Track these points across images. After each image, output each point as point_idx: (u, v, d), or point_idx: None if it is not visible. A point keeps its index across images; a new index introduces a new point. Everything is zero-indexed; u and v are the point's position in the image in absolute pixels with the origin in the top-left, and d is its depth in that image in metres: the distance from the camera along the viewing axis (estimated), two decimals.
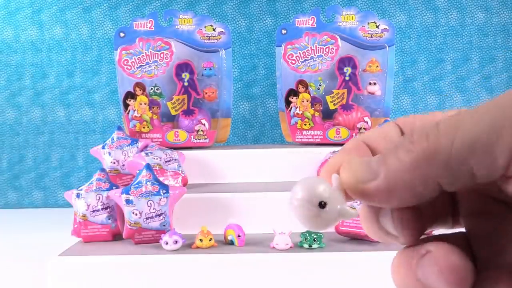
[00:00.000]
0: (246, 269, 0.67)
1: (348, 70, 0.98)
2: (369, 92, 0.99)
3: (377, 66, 0.98)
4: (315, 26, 0.99)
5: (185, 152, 0.92)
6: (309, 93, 0.99)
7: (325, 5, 1.33)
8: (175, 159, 0.85)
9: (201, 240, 0.70)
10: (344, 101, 0.98)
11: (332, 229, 0.74)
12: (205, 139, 0.98)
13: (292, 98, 1.00)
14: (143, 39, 0.98)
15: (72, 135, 1.39)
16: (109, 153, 0.86)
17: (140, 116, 0.97)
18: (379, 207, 0.16)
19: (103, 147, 0.87)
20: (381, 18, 1.01)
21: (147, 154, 0.84)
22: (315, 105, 0.99)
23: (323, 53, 0.99)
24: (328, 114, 0.99)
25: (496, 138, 0.14)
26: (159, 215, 0.72)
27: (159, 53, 0.98)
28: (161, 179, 0.80)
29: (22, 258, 0.89)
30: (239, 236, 0.71)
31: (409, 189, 0.15)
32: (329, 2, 1.36)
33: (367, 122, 0.97)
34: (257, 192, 0.83)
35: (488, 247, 0.16)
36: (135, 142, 0.88)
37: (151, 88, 0.98)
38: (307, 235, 0.69)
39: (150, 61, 0.98)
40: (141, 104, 0.97)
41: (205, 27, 1.00)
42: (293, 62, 0.99)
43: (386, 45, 0.99)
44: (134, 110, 0.97)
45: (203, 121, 0.98)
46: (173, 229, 0.73)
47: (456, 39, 1.37)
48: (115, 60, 0.98)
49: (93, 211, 0.75)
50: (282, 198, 0.81)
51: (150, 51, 0.98)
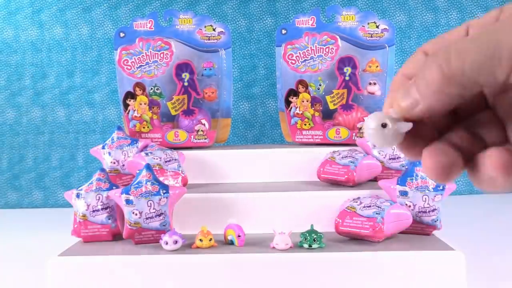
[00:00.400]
0: (246, 269, 0.67)
1: (348, 70, 0.98)
2: (369, 92, 0.99)
3: (377, 66, 0.98)
4: (315, 26, 0.99)
5: (185, 152, 0.92)
6: (309, 93, 0.99)
7: (325, 5, 1.33)
8: (175, 159, 0.85)
9: (201, 240, 0.70)
10: (344, 101, 0.98)
11: (332, 229, 0.74)
12: (205, 139, 0.98)
13: (292, 98, 1.00)
14: (143, 39, 0.98)
15: (72, 135, 1.39)
16: (109, 153, 0.86)
17: (140, 116, 0.97)
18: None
19: (103, 147, 0.87)
20: (381, 18, 1.01)
21: (147, 154, 0.84)
22: (315, 105, 0.99)
23: (323, 53, 0.99)
24: (328, 114, 0.99)
25: (497, 63, 0.20)
26: (159, 215, 0.72)
27: (159, 53, 0.98)
28: (161, 179, 0.80)
29: (22, 258, 0.89)
30: (239, 236, 0.71)
31: (440, 104, 0.22)
32: (329, 2, 1.36)
33: None
34: (257, 192, 0.83)
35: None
36: (135, 142, 0.88)
37: (151, 88, 0.98)
38: (307, 235, 0.69)
39: (150, 61, 0.98)
40: (141, 104, 0.97)
41: (205, 27, 1.00)
42: (293, 62, 0.99)
43: (386, 45, 0.99)
44: (134, 110, 0.97)
45: (203, 121, 0.98)
46: (173, 229, 0.73)
47: None
48: (115, 60, 0.98)
49: (93, 211, 0.75)
50: (282, 198, 0.81)
51: (150, 51, 0.98)
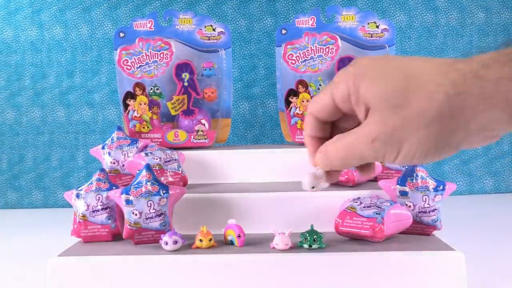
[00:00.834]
0: (246, 269, 0.67)
1: None
2: None
3: None
4: (315, 26, 0.99)
5: (185, 152, 0.92)
6: (309, 93, 0.99)
7: (325, 5, 1.33)
8: (175, 159, 0.85)
9: (201, 240, 0.70)
10: None
11: (332, 229, 0.74)
12: (205, 139, 0.98)
13: (292, 98, 1.00)
14: (143, 39, 0.98)
15: (72, 135, 1.39)
16: (109, 153, 0.86)
17: (140, 116, 0.97)
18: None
19: (103, 147, 0.87)
20: (381, 18, 1.01)
21: (147, 154, 0.84)
22: None
23: (323, 53, 0.99)
24: None
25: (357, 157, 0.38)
26: (159, 215, 0.72)
27: (159, 53, 0.98)
28: (161, 179, 0.80)
29: (22, 258, 0.89)
30: (239, 236, 0.71)
31: (342, 163, 0.39)
32: (329, 2, 1.36)
33: None
34: (257, 192, 0.83)
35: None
36: (135, 142, 0.88)
37: (151, 88, 0.98)
38: (307, 235, 0.69)
39: (150, 61, 0.98)
40: (141, 104, 0.97)
41: (205, 27, 1.00)
42: (293, 62, 0.99)
43: (386, 45, 0.99)
44: (134, 110, 0.97)
45: (203, 121, 0.98)
46: (173, 229, 0.73)
47: (456, 39, 1.37)
48: (115, 60, 0.98)
49: (93, 211, 0.75)
50: (282, 198, 0.81)
51: (150, 51, 0.98)
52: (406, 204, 0.75)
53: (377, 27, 0.99)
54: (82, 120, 1.39)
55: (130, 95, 0.98)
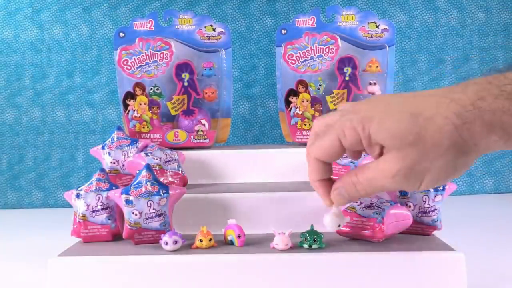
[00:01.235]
0: (246, 269, 0.67)
1: (348, 70, 0.98)
2: (369, 92, 0.99)
3: (377, 66, 0.98)
4: (315, 26, 0.99)
5: (185, 152, 0.92)
6: (309, 93, 0.99)
7: (325, 5, 1.33)
8: (175, 159, 0.85)
9: (201, 240, 0.70)
10: (345, 101, 0.98)
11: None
12: (205, 139, 0.98)
13: (292, 98, 1.00)
14: (143, 39, 0.98)
15: (72, 135, 1.39)
16: (109, 153, 0.86)
17: (140, 116, 0.97)
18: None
19: (103, 147, 0.87)
20: (381, 18, 1.01)
21: (147, 154, 0.84)
22: (315, 105, 0.99)
23: (323, 53, 0.99)
24: None
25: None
26: (159, 215, 0.72)
27: (159, 53, 0.98)
28: (161, 179, 0.80)
29: (22, 258, 0.89)
30: (239, 236, 0.71)
31: (364, 195, 0.45)
32: (329, 2, 1.36)
33: None
34: (257, 192, 0.82)
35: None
36: (135, 142, 0.88)
37: (151, 88, 0.98)
38: (307, 235, 0.69)
39: (150, 61, 0.98)
40: (141, 104, 0.97)
41: (205, 27, 1.00)
42: (293, 62, 0.99)
43: (386, 45, 0.99)
44: (134, 110, 0.97)
45: (203, 121, 0.98)
46: (173, 229, 0.73)
47: (456, 39, 1.37)
48: (115, 60, 0.98)
49: (93, 211, 0.75)
50: (282, 198, 0.81)
51: (150, 51, 0.98)
52: (406, 204, 0.75)
53: (377, 27, 0.99)
54: (82, 120, 1.39)
55: (130, 95, 0.98)
